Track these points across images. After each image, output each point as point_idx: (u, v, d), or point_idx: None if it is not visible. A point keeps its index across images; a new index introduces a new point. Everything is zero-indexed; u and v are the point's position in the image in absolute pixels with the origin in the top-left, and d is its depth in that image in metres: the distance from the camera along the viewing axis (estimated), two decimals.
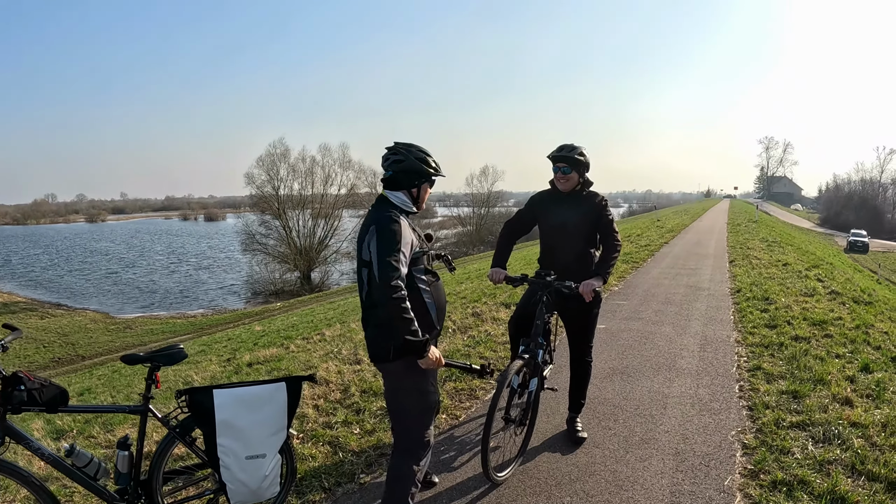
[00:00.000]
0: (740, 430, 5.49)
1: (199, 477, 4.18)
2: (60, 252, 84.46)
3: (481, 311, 10.64)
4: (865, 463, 4.70)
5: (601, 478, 4.66)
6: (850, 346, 8.04)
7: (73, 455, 3.55)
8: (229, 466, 3.62)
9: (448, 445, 5.31)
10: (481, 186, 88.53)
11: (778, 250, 22.37)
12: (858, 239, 62.70)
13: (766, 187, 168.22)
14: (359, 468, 4.89)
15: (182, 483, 4.20)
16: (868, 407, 5.88)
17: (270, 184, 66.82)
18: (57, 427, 6.65)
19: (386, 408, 6.03)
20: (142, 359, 3.76)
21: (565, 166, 5.03)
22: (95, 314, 43.98)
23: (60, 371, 25.35)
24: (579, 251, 5.15)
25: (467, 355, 7.76)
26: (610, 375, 7.09)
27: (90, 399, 10.79)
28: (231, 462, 3.62)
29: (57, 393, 3.47)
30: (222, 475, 3.63)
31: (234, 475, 3.64)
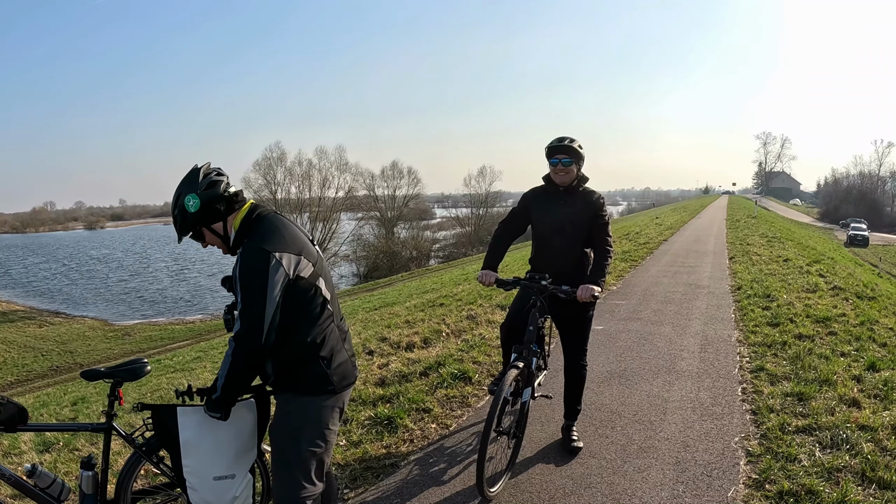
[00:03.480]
0: (744, 436, 5.26)
1: (171, 496, 3.96)
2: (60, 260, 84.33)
3: (476, 314, 10.41)
4: (876, 469, 4.48)
5: (597, 490, 4.42)
6: (856, 344, 7.85)
7: (36, 475, 3.38)
8: (196, 487, 3.39)
9: (438, 457, 5.07)
10: (479, 187, 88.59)
11: (778, 246, 22.24)
12: (858, 233, 62.54)
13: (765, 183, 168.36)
14: (343, 483, 4.67)
15: (156, 501, 4.01)
16: (876, 408, 5.67)
17: (268, 188, 67.07)
18: (45, 439, 6.44)
19: (373, 418, 5.84)
20: (103, 374, 3.57)
21: (565, 157, 4.78)
22: (94, 321, 43.94)
23: (59, 379, 25.21)
24: (575, 250, 4.91)
25: (460, 360, 7.53)
26: (607, 379, 6.85)
27: (82, 409, 10.57)
28: (198, 483, 3.39)
29: (15, 412, 3.31)
30: (190, 497, 3.40)
31: (203, 496, 3.40)
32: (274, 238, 2.98)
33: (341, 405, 3.26)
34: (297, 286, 3.00)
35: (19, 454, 6.08)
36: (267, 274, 2.88)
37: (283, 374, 3.14)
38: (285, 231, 3.07)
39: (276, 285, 2.90)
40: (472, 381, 6.80)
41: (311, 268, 3.07)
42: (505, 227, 5.21)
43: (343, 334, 3.30)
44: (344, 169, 73.12)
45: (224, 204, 3.13)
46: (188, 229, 3.15)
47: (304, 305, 3.06)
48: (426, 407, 6.07)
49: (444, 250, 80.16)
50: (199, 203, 3.08)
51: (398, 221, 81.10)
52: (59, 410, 10.63)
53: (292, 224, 3.22)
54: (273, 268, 2.90)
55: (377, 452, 5.14)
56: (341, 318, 3.36)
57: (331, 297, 3.21)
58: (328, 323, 3.16)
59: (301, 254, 3.03)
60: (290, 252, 2.98)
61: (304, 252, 3.06)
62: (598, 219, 4.83)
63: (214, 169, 3.22)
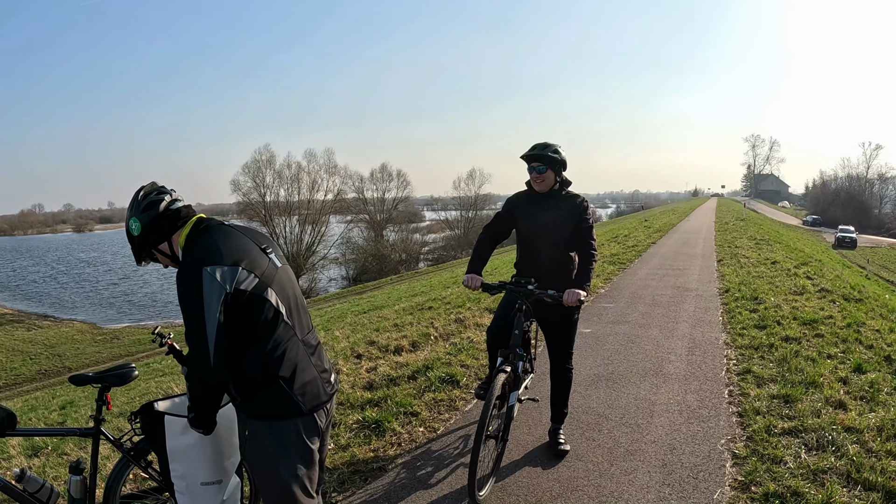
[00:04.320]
0: (730, 438, 5.27)
1: (159, 501, 3.95)
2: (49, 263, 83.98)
3: (464, 317, 10.41)
4: (861, 471, 4.49)
5: (584, 493, 4.43)
6: (842, 346, 7.88)
7: (24, 480, 3.38)
8: (184, 492, 3.37)
9: (425, 461, 5.06)
10: (468, 190, 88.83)
11: (766, 248, 22.34)
12: (846, 235, 62.88)
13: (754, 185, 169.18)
14: (331, 487, 4.65)
15: None
16: (862, 410, 5.69)
17: (257, 190, 67.08)
18: (34, 443, 6.42)
19: (361, 422, 5.84)
20: (91, 379, 3.57)
21: (539, 165, 4.80)
22: (82, 325, 43.84)
23: (47, 383, 25.13)
24: (559, 254, 4.92)
25: (448, 363, 7.53)
26: (595, 382, 6.86)
27: (70, 413, 10.54)
28: (186, 488, 3.37)
29: (4, 416, 3.30)
30: (178, 501, 3.39)
31: (191, 501, 3.40)
32: (207, 252, 2.78)
33: (320, 423, 2.98)
34: (239, 301, 2.74)
35: (8, 459, 6.07)
36: (201, 292, 2.68)
37: (245, 398, 2.90)
38: (224, 242, 2.84)
39: (212, 302, 2.67)
40: (460, 385, 6.80)
41: (254, 279, 2.79)
42: (489, 232, 5.21)
43: (310, 349, 3.01)
44: (333, 172, 73.27)
45: (167, 223, 2.98)
46: (138, 253, 3.05)
47: (251, 321, 2.80)
48: (414, 410, 6.06)
49: (433, 253, 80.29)
50: (139, 226, 2.97)
51: (387, 224, 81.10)
52: (47, 415, 10.60)
53: (240, 233, 2.99)
54: (206, 283, 2.68)
55: (365, 456, 5.14)
56: (309, 330, 3.08)
57: (289, 309, 2.95)
58: (285, 338, 2.88)
59: (240, 264, 2.77)
60: (224, 264, 2.73)
61: (245, 262, 2.81)
62: (581, 222, 4.85)
63: (156, 188, 3.08)
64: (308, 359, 2.96)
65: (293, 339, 2.91)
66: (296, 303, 3.03)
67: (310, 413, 2.90)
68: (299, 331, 2.98)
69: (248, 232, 3.07)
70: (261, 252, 2.95)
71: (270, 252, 3.03)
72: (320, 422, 2.98)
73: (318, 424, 2.97)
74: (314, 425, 2.94)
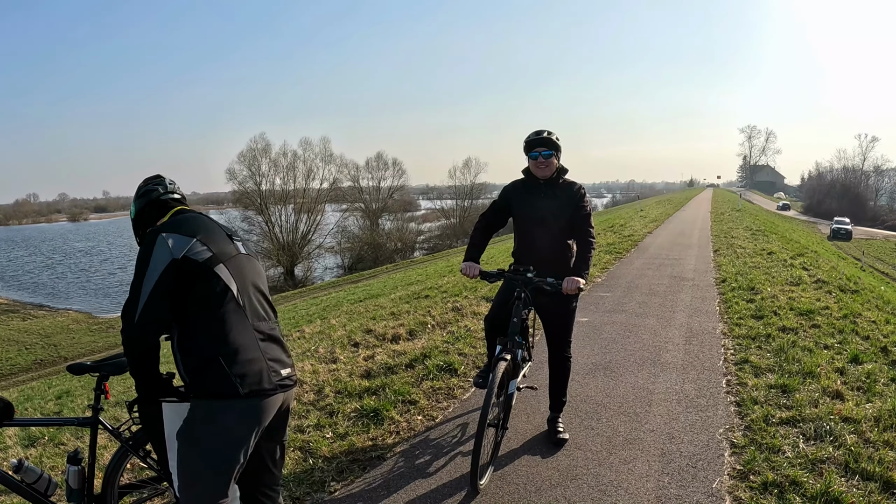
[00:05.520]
0: (728, 427, 5.28)
1: (157, 490, 3.95)
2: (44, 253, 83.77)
3: (462, 306, 10.42)
4: (859, 461, 4.50)
5: (583, 482, 4.43)
6: (839, 337, 7.89)
7: (22, 471, 3.34)
8: None
9: (424, 449, 5.06)
10: (464, 178, 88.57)
11: (762, 239, 22.35)
12: (842, 226, 62.97)
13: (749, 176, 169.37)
14: (329, 476, 4.65)
15: (143, 495, 4.00)
16: (859, 400, 5.70)
17: (252, 179, 66.79)
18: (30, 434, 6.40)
19: (359, 410, 5.84)
20: (89, 368, 3.54)
21: (545, 149, 4.78)
22: (78, 314, 43.74)
23: (43, 373, 25.07)
24: (557, 242, 4.91)
25: (446, 352, 7.53)
26: (592, 371, 6.87)
27: (67, 402, 10.50)
28: None
29: (1, 406, 3.26)
30: (177, 490, 3.38)
31: None
32: (171, 224, 2.95)
33: (261, 414, 2.89)
34: (186, 268, 2.82)
35: (4, 449, 6.04)
36: (151, 252, 2.82)
37: (190, 374, 2.86)
38: (190, 220, 3.00)
39: (157, 263, 2.79)
40: (458, 373, 6.81)
41: (207, 251, 2.88)
42: (486, 220, 5.20)
43: (263, 336, 2.96)
44: (329, 160, 73.08)
45: (155, 211, 3.26)
46: (135, 232, 3.33)
47: (199, 291, 2.85)
48: (412, 399, 6.07)
49: (428, 242, 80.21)
50: (134, 210, 3.32)
51: (383, 213, 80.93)
52: (43, 404, 10.55)
53: (212, 221, 3.12)
54: (158, 246, 2.82)
55: (363, 444, 5.14)
56: (266, 319, 3.05)
57: (242, 292, 2.95)
58: (233, 318, 2.87)
59: (196, 236, 2.89)
60: (181, 234, 2.87)
61: (203, 237, 2.92)
62: (579, 210, 4.83)
63: (155, 180, 3.37)
64: (256, 344, 2.91)
65: (242, 321, 2.90)
66: (254, 290, 3.05)
67: (247, 398, 2.82)
68: (251, 315, 2.96)
69: (217, 222, 3.17)
70: (226, 237, 3.08)
71: (238, 240, 3.19)
72: (262, 412, 2.89)
73: (258, 414, 2.88)
74: (252, 413, 2.86)
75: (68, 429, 6.24)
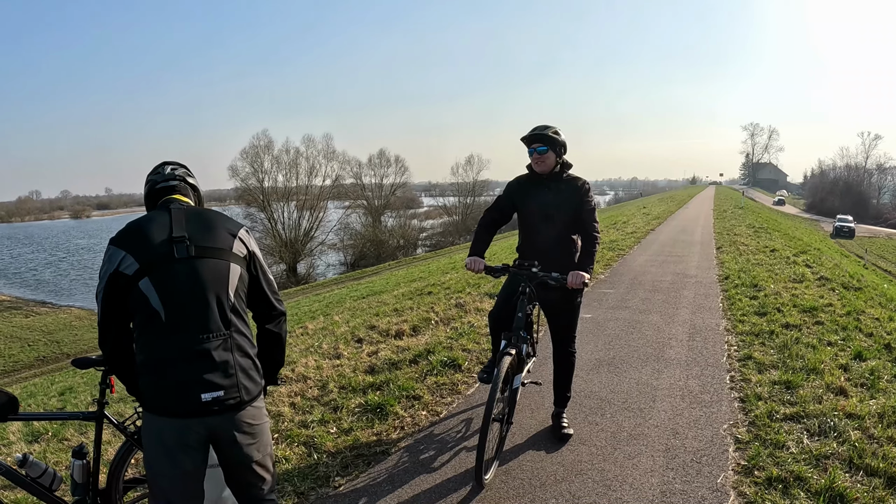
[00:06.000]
0: (732, 423, 5.28)
1: None
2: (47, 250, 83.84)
3: (465, 302, 10.43)
4: (863, 457, 4.51)
5: (588, 477, 4.44)
6: (842, 334, 7.89)
7: (27, 465, 3.35)
8: None
9: (427, 444, 5.07)
10: (466, 175, 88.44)
11: (765, 236, 22.35)
12: (844, 224, 62.90)
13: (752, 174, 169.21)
14: (334, 471, 4.66)
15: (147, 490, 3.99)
16: (863, 397, 5.70)
17: (255, 176, 66.75)
18: (34, 429, 6.41)
19: (364, 406, 5.84)
20: (94, 362, 3.56)
21: (540, 145, 4.79)
22: (80, 311, 43.67)
23: (45, 370, 25.11)
24: (561, 238, 4.91)
25: (450, 347, 7.54)
26: (596, 367, 6.88)
27: (70, 399, 10.52)
28: None
29: (6, 401, 3.28)
30: None
31: None
32: (122, 231, 2.86)
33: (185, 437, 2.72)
34: (118, 283, 2.74)
35: (7, 445, 6.05)
36: (103, 261, 2.82)
37: None
38: (140, 224, 2.86)
39: (103, 275, 2.79)
40: (462, 369, 6.82)
41: (133, 264, 2.73)
42: (490, 216, 5.21)
43: (184, 353, 2.72)
44: (331, 157, 73.02)
45: (151, 199, 3.17)
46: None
47: (130, 305, 2.77)
48: (416, 394, 6.08)
49: (431, 239, 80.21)
50: (144, 193, 3.24)
51: (385, 210, 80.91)
52: (46, 401, 10.57)
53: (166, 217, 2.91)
54: (105, 259, 2.81)
55: (368, 439, 5.15)
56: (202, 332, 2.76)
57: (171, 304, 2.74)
58: (155, 332, 2.73)
59: (127, 248, 2.76)
60: (118, 246, 2.77)
61: (134, 248, 2.77)
62: (583, 205, 4.84)
63: (154, 169, 3.29)
64: (173, 362, 2.71)
65: (162, 336, 2.73)
66: (188, 300, 2.77)
67: (160, 415, 2.71)
68: (177, 330, 2.74)
69: (181, 217, 2.92)
70: (166, 241, 2.81)
71: (182, 242, 2.83)
72: (175, 434, 2.71)
73: (172, 436, 2.71)
74: (166, 433, 2.72)
75: (71, 424, 6.26)
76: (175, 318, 2.72)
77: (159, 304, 2.71)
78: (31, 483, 3.36)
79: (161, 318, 2.70)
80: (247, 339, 2.90)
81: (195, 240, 2.83)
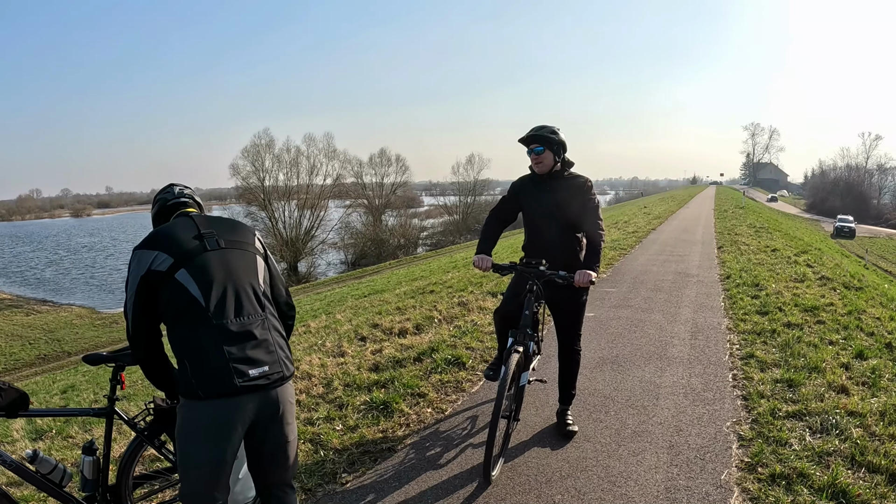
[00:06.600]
0: (735, 420, 5.32)
1: (173, 481, 3.99)
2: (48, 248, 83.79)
3: (467, 301, 10.46)
4: (865, 454, 4.55)
5: (593, 473, 4.48)
6: (844, 333, 7.92)
7: (37, 461, 3.36)
8: None
9: (433, 441, 5.11)
10: (467, 175, 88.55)
11: (766, 236, 22.36)
12: (845, 224, 62.89)
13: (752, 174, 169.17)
14: (341, 467, 4.70)
15: (156, 486, 4.04)
16: (864, 395, 5.74)
17: (256, 175, 66.81)
18: (37, 427, 6.44)
19: (369, 403, 5.88)
20: (105, 358, 3.58)
21: (537, 146, 4.83)
22: (81, 310, 43.67)
23: (46, 368, 25.08)
24: (565, 236, 4.95)
25: (454, 346, 7.58)
26: (600, 365, 6.92)
27: (72, 397, 10.55)
28: None
29: (17, 397, 3.29)
30: None
31: None
32: (146, 237, 3.05)
33: (230, 416, 2.84)
34: (152, 280, 2.91)
35: (12, 442, 6.07)
36: (129, 270, 3.00)
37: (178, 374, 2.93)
38: (165, 229, 3.10)
39: (132, 280, 2.96)
40: (466, 367, 6.86)
41: (167, 260, 2.90)
42: (495, 215, 5.27)
43: (230, 335, 2.86)
44: (332, 156, 73.09)
45: (163, 214, 3.42)
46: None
47: (164, 299, 2.91)
48: (421, 392, 6.12)
49: (431, 238, 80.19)
50: (152, 213, 3.50)
51: (386, 209, 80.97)
52: (48, 399, 10.60)
53: (189, 221, 3.14)
54: (132, 265, 2.99)
55: (374, 437, 5.19)
56: (240, 315, 2.93)
57: (208, 291, 2.90)
58: (195, 320, 2.85)
59: (159, 248, 2.94)
60: (148, 248, 2.97)
61: (166, 246, 2.95)
62: (587, 203, 4.86)
63: (165, 188, 3.55)
64: (219, 344, 2.82)
65: (204, 321, 2.85)
66: (226, 286, 2.95)
67: (209, 399, 2.80)
68: (217, 314, 2.87)
69: (204, 220, 3.21)
70: (194, 237, 3.05)
71: (211, 236, 3.08)
72: (229, 414, 2.83)
73: (225, 415, 2.83)
74: (218, 415, 2.83)
75: (75, 422, 6.29)
76: (214, 303, 2.89)
77: (198, 292, 2.88)
78: (41, 479, 3.37)
79: (201, 305, 2.87)
80: (278, 322, 3.14)
81: (222, 234, 3.11)
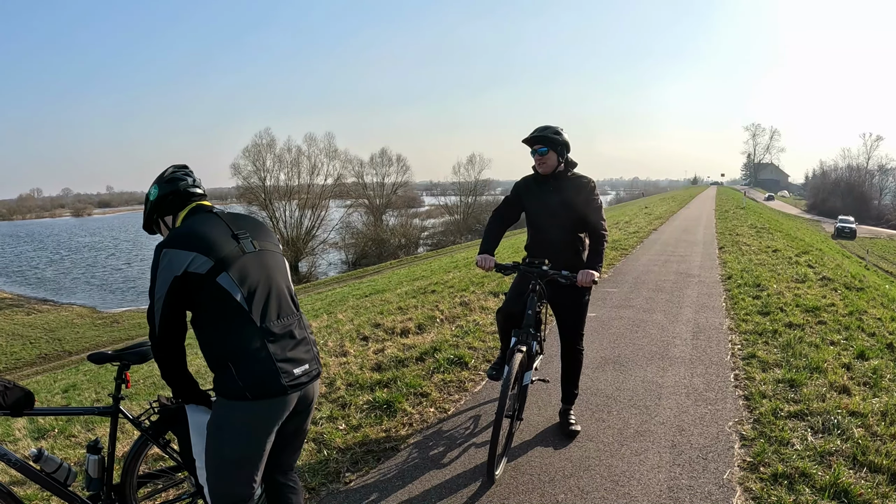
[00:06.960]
0: (737, 420, 5.34)
1: (177, 480, 4.01)
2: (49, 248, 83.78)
3: (469, 301, 10.47)
4: (867, 454, 4.56)
5: (596, 473, 4.50)
6: (845, 333, 7.94)
7: (41, 460, 3.35)
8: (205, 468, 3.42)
9: (436, 440, 5.13)
10: (468, 175, 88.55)
11: (767, 236, 22.38)
12: (846, 225, 62.88)
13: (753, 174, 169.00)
14: (344, 466, 4.71)
15: (160, 486, 4.04)
16: (866, 395, 5.76)
17: (257, 174, 66.86)
18: (39, 426, 6.46)
19: (372, 402, 5.89)
20: (110, 357, 3.57)
21: (541, 146, 4.85)
22: (82, 309, 43.66)
23: (47, 367, 25.11)
24: (568, 236, 4.96)
25: (456, 345, 7.59)
26: (602, 365, 6.93)
27: (74, 396, 10.57)
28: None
29: (22, 395, 3.28)
30: (199, 478, 3.43)
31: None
32: (176, 235, 2.97)
33: (273, 415, 2.94)
34: (189, 283, 2.87)
35: (14, 441, 6.09)
36: (157, 269, 2.92)
37: (213, 373, 2.96)
38: (194, 228, 3.01)
39: (163, 283, 2.89)
40: (469, 367, 6.87)
41: (207, 263, 2.87)
42: (498, 215, 5.28)
43: (274, 336, 2.92)
44: (333, 156, 73.17)
45: (178, 199, 3.24)
46: (148, 216, 3.33)
47: (204, 301, 2.90)
48: (424, 391, 6.13)
49: (432, 238, 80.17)
50: (156, 193, 3.24)
51: (387, 209, 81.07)
52: (50, 398, 10.62)
53: (220, 220, 3.11)
54: (162, 264, 2.90)
55: (377, 436, 5.20)
56: (281, 316, 3.01)
57: (250, 294, 2.93)
58: (238, 322, 2.88)
59: (196, 249, 2.89)
60: (182, 248, 2.89)
61: (203, 247, 2.90)
62: (590, 203, 4.88)
63: (183, 168, 3.37)
64: (264, 346, 2.88)
65: (249, 324, 2.89)
66: (266, 288, 3.01)
67: (256, 399, 2.85)
68: (260, 317, 2.92)
69: (232, 218, 3.19)
70: (230, 238, 3.03)
71: (245, 238, 3.09)
72: (275, 412, 2.93)
73: (271, 414, 2.92)
74: (264, 414, 2.91)
75: (77, 421, 6.30)
76: (257, 305, 2.93)
77: (242, 296, 2.90)
78: (45, 478, 3.36)
79: (244, 308, 2.89)
80: (306, 320, 3.21)
81: (254, 236, 3.13)
